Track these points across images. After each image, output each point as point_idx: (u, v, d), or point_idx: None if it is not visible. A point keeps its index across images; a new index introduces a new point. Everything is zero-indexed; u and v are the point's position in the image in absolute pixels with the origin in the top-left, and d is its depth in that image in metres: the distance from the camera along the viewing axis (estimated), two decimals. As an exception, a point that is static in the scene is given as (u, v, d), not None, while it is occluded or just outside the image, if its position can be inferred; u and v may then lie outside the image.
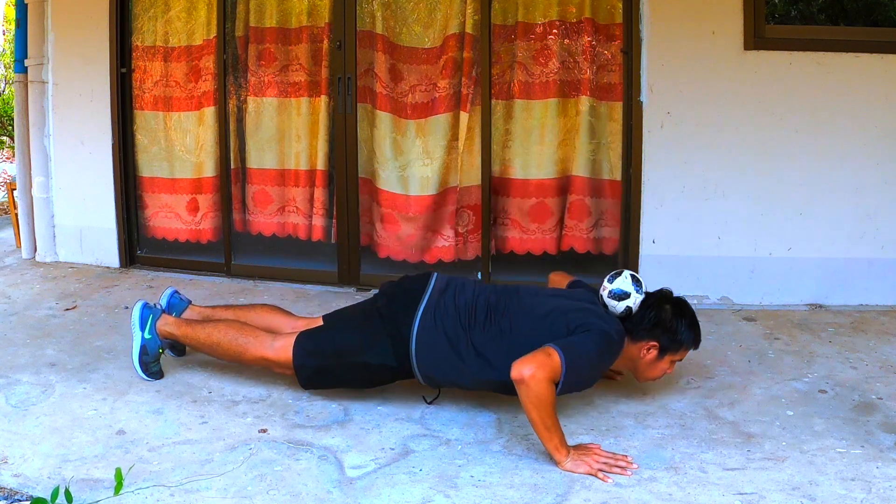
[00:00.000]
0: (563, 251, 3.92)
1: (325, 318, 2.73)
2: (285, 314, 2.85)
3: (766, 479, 2.13)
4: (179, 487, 2.09)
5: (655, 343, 2.45)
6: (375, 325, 2.56)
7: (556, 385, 2.24)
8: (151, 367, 2.77)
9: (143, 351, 2.74)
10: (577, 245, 3.89)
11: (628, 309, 2.47)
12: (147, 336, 2.73)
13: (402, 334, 2.47)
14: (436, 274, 2.67)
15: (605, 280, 2.53)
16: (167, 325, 2.75)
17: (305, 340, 2.59)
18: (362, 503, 2.04)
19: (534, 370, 2.18)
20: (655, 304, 2.48)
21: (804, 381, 2.80)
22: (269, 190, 4.21)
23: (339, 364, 2.56)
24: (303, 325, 2.72)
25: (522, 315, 2.46)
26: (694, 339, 2.51)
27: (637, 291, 2.48)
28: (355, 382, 2.65)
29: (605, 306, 2.50)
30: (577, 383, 2.34)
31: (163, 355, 2.81)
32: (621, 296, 2.47)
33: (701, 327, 2.53)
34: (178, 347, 2.93)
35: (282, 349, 2.58)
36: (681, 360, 2.55)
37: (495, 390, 2.49)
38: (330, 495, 2.07)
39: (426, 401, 2.63)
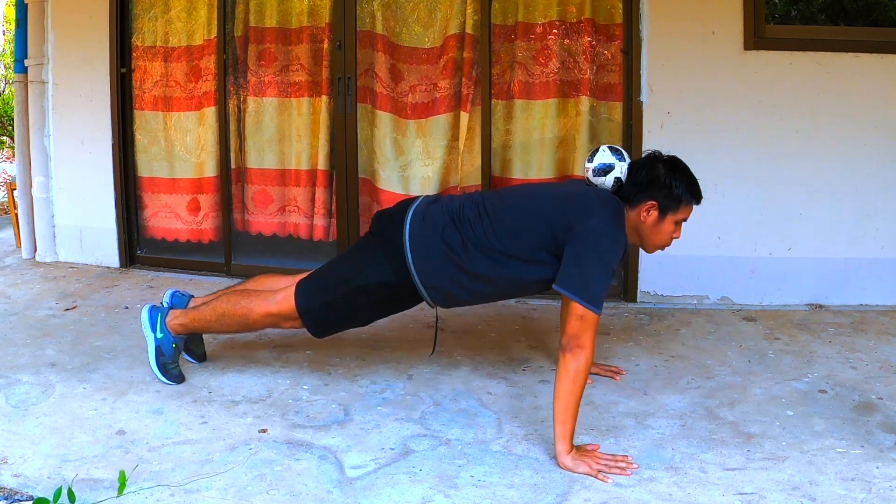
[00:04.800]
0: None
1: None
2: (284, 275, 2.84)
3: (766, 479, 2.13)
4: (179, 487, 2.09)
5: (653, 202, 2.40)
6: (369, 245, 2.58)
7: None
8: (170, 369, 2.75)
9: (159, 352, 2.72)
10: (578, 244, 3.89)
11: (618, 181, 2.43)
12: (159, 335, 2.72)
13: (395, 244, 2.47)
14: (424, 195, 2.67)
15: (586, 161, 2.49)
16: (175, 318, 2.74)
17: (304, 282, 2.61)
18: (362, 503, 2.04)
19: (587, 341, 2.20)
20: (646, 164, 2.44)
21: (804, 381, 2.80)
22: (269, 190, 4.21)
23: (341, 295, 2.55)
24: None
25: (513, 204, 2.46)
26: (692, 193, 2.43)
27: (619, 160, 2.43)
28: (363, 314, 2.64)
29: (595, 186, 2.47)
30: (609, 283, 2.31)
31: (180, 356, 2.80)
32: (606, 169, 2.43)
33: (701, 324, 2.51)
34: (196, 353, 2.92)
35: (284, 300, 2.59)
36: (685, 219, 2.46)
37: (502, 291, 2.48)
38: (330, 495, 2.07)
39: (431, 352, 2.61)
